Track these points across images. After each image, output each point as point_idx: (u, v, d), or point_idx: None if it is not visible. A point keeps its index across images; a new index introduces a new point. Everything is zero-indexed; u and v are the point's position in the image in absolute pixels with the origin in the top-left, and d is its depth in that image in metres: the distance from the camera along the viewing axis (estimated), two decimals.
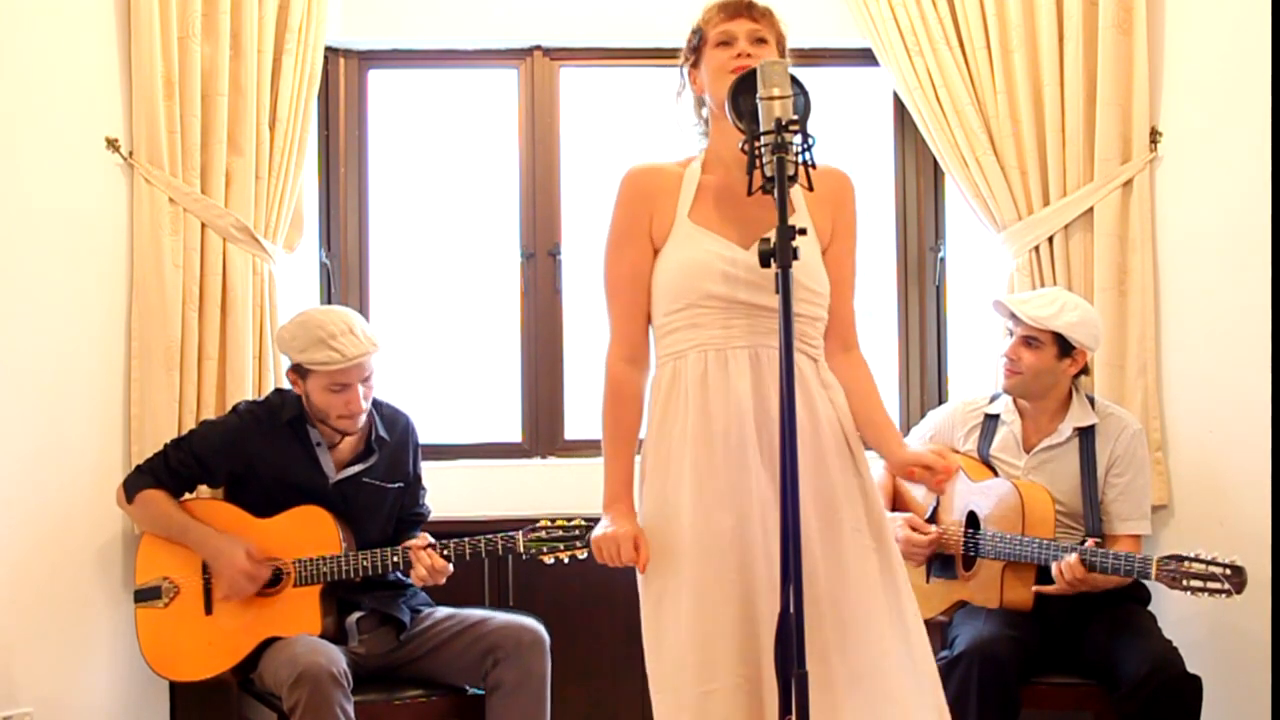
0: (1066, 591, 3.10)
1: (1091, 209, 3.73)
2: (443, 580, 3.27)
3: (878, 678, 2.34)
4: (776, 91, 2.20)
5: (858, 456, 2.49)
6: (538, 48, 4.17)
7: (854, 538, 2.42)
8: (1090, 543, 3.14)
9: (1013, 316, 3.35)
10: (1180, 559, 2.96)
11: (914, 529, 3.35)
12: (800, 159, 2.21)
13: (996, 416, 3.45)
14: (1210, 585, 2.92)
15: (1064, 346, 3.31)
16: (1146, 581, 3.19)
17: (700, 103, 2.56)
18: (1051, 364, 3.32)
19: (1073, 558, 3.07)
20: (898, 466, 2.55)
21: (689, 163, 2.56)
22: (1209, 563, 2.93)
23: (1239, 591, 2.90)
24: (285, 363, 3.34)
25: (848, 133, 4.33)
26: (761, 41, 2.46)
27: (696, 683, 2.34)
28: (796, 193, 2.35)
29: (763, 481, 2.37)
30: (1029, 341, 3.32)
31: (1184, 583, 2.94)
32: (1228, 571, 2.91)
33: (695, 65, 2.54)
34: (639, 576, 2.46)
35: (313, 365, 3.22)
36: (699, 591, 2.36)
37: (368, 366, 3.26)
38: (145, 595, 3.36)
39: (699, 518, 2.38)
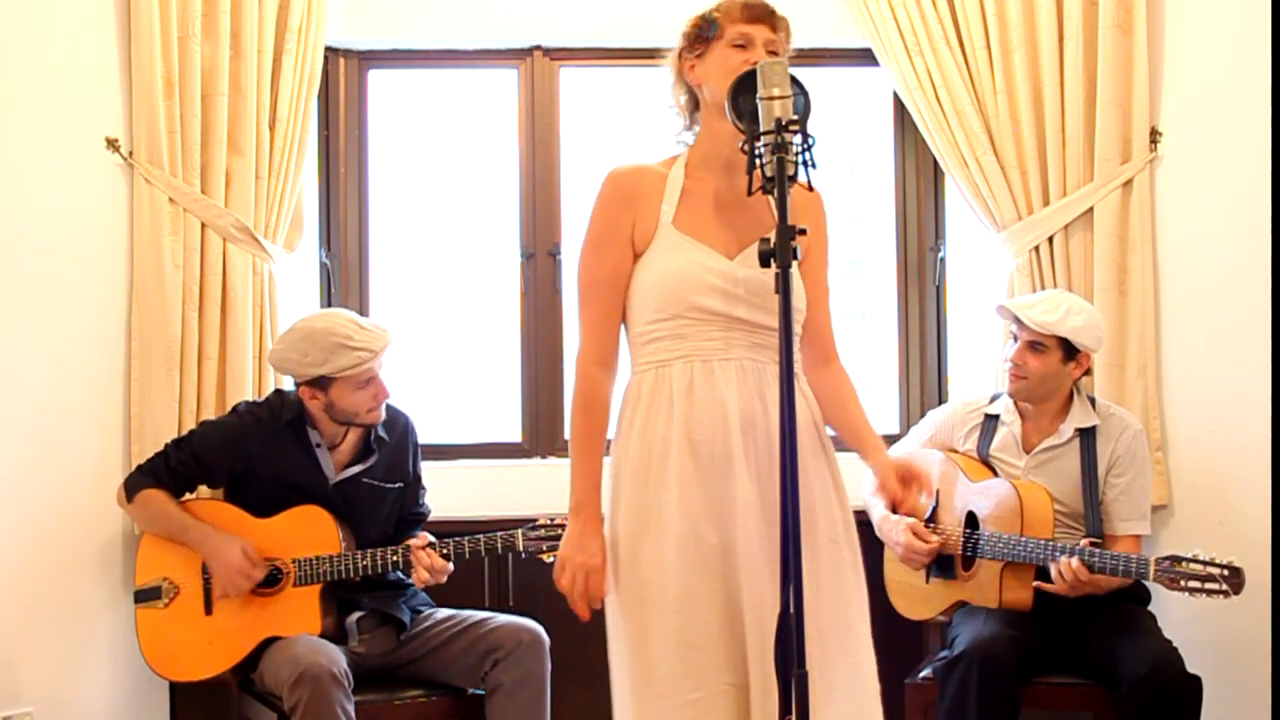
0: (1068, 593, 3.10)
1: (1091, 209, 3.73)
2: (443, 579, 3.28)
3: (853, 692, 2.36)
4: (776, 91, 2.19)
5: (831, 458, 2.48)
6: (538, 48, 4.16)
7: (831, 549, 2.41)
8: (1085, 543, 3.13)
9: (1017, 321, 3.34)
10: (1178, 559, 2.95)
11: (916, 535, 3.33)
12: (800, 159, 2.20)
13: (996, 417, 3.44)
14: (1208, 586, 2.91)
15: (1069, 351, 3.31)
16: (1145, 582, 3.19)
17: (689, 92, 2.50)
18: (1057, 368, 3.31)
19: (1074, 561, 3.06)
20: (883, 471, 2.49)
21: (673, 162, 2.51)
22: (1206, 563, 2.92)
23: (1236, 592, 2.90)
24: (289, 382, 3.32)
25: (848, 133, 4.33)
26: (774, 54, 2.40)
27: (686, 690, 2.34)
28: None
29: (748, 491, 2.35)
30: (1034, 346, 3.31)
31: (1181, 583, 2.94)
32: (1225, 572, 2.90)
33: (700, 55, 2.45)
34: (613, 583, 2.43)
35: (340, 373, 3.20)
36: (686, 602, 2.35)
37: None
38: (145, 595, 3.36)
39: (686, 531, 2.36)
